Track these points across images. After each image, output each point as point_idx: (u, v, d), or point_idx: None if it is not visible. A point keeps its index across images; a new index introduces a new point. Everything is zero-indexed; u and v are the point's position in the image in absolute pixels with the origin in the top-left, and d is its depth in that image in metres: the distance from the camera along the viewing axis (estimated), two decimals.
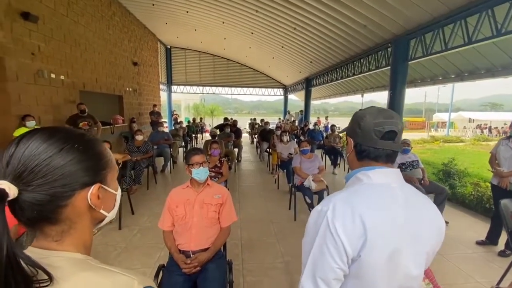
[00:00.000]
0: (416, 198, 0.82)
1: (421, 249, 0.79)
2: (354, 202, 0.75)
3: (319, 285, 0.72)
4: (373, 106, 0.86)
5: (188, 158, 1.97)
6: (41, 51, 5.31)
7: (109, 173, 0.56)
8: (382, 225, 0.73)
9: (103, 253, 2.92)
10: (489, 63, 5.10)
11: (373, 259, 0.72)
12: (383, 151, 0.80)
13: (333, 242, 0.71)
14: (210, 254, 1.81)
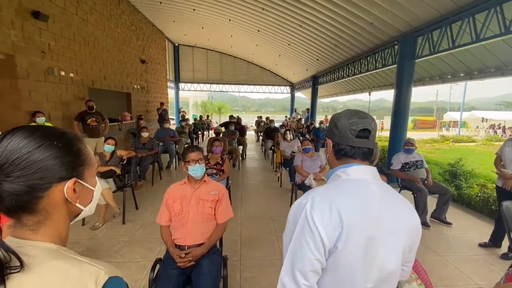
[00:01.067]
0: (392, 196, 0.85)
1: (396, 244, 0.81)
2: (331, 195, 0.79)
3: (297, 277, 0.75)
4: (349, 109, 0.91)
5: (185, 155, 2.02)
6: (51, 49, 5.46)
7: (86, 170, 0.60)
8: (357, 217, 0.76)
9: (107, 246, 3.01)
10: (499, 61, 4.95)
11: (349, 249, 0.75)
12: (359, 149, 0.85)
13: (310, 233, 0.74)
14: (205, 249, 1.85)
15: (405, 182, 4.04)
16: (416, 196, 3.79)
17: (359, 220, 0.76)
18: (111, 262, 2.70)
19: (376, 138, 0.90)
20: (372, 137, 0.86)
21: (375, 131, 0.88)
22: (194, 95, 28.96)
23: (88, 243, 3.07)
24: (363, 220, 0.77)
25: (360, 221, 0.76)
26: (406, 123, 5.51)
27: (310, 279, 0.75)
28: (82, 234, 3.26)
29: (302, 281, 0.75)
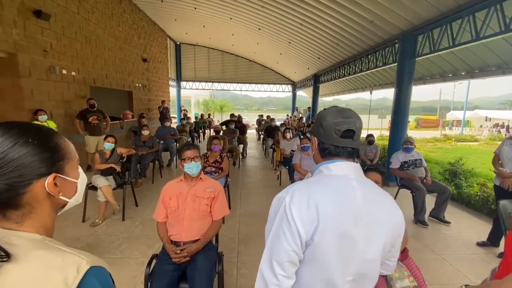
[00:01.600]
0: (374, 191, 0.87)
1: (377, 239, 0.83)
2: (311, 190, 0.81)
3: (274, 268, 0.78)
4: (335, 106, 0.92)
5: (181, 153, 2.04)
6: (53, 48, 5.51)
7: (67, 164, 0.62)
8: (334, 211, 0.78)
9: (106, 243, 3.05)
10: (500, 60, 4.91)
11: (324, 242, 0.77)
12: (344, 149, 0.87)
13: (288, 226, 0.77)
14: (200, 245, 1.87)
15: (404, 181, 4.04)
16: (415, 194, 3.80)
17: (336, 214, 0.78)
18: (111, 258, 2.75)
19: (360, 137, 0.92)
20: (356, 136, 0.88)
21: (360, 131, 0.90)
22: (196, 93, 29.04)
23: (88, 239, 3.12)
24: (340, 215, 0.78)
25: (337, 215, 0.78)
26: (406, 121, 5.49)
27: (287, 269, 0.78)
28: (82, 230, 3.31)
29: (279, 271, 0.77)
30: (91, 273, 0.53)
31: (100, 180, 3.43)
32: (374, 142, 5.64)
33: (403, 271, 1.73)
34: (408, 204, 4.08)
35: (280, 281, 0.78)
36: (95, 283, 0.53)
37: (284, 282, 0.78)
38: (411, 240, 3.37)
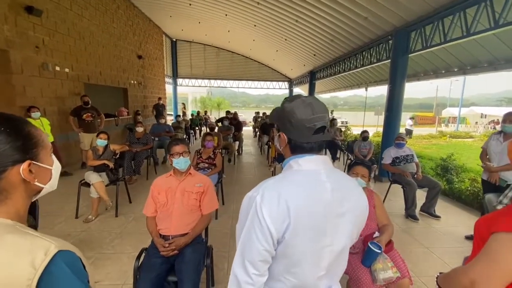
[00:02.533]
0: (341, 182, 0.88)
1: (344, 227, 0.85)
2: (281, 187, 0.80)
3: (247, 267, 0.78)
4: (299, 97, 0.88)
5: (169, 148, 2.06)
6: (46, 44, 5.48)
7: (41, 151, 0.64)
8: (305, 208, 0.79)
9: (98, 238, 3.07)
10: (492, 56, 4.95)
11: (296, 240, 0.78)
12: (316, 143, 0.86)
13: (259, 225, 0.76)
14: (188, 239, 1.90)
15: (395, 176, 4.09)
16: (405, 189, 3.84)
17: (307, 211, 0.79)
18: (102, 253, 2.77)
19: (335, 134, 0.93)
20: (327, 130, 0.87)
21: (329, 123, 0.90)
22: (193, 90, 28.92)
23: (80, 235, 3.13)
24: (311, 211, 0.79)
25: (308, 212, 0.79)
26: (399, 118, 5.53)
27: (260, 268, 0.78)
28: (75, 226, 3.32)
29: (252, 271, 0.77)
30: (59, 257, 0.55)
31: (92, 176, 3.44)
32: (368, 138, 5.69)
33: (387, 262, 1.77)
34: (400, 199, 4.13)
35: (253, 280, 0.78)
36: (63, 267, 0.55)
37: (258, 280, 0.79)
38: (401, 234, 3.43)
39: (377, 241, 1.83)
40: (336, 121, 7.80)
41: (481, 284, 0.80)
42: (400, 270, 1.80)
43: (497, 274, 0.77)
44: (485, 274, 0.79)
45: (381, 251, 1.76)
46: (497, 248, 0.78)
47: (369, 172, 2.10)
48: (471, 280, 0.82)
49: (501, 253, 0.76)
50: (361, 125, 14.50)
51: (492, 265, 0.78)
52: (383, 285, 1.77)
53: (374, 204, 2.11)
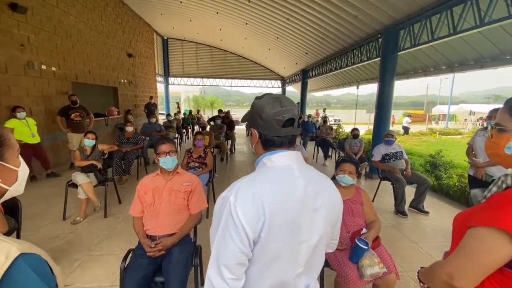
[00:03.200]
0: (314, 177, 0.88)
1: (318, 222, 0.85)
2: (255, 185, 0.79)
3: (222, 272, 0.74)
4: (268, 94, 0.90)
5: (156, 147, 2.03)
6: (31, 42, 5.34)
7: (7, 151, 0.62)
8: (280, 205, 0.78)
9: (86, 240, 3.01)
10: (478, 53, 5.05)
11: (272, 238, 0.77)
12: (286, 137, 0.86)
13: (234, 227, 0.74)
14: (176, 239, 1.88)
15: (385, 172, 4.13)
16: (395, 186, 3.89)
17: (282, 208, 0.78)
18: (90, 255, 2.72)
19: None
20: (295, 123, 0.87)
21: (298, 117, 0.90)
22: (186, 89, 28.70)
23: (67, 237, 3.07)
24: (285, 208, 0.78)
25: (282, 209, 0.78)
26: (389, 115, 5.59)
27: (236, 272, 0.75)
28: (63, 228, 3.26)
29: (228, 275, 0.74)
30: (22, 260, 0.53)
31: (80, 177, 3.37)
32: (359, 136, 5.74)
33: (374, 258, 1.78)
34: (390, 196, 4.18)
35: (229, 285, 0.74)
36: (25, 270, 0.53)
37: (234, 285, 0.75)
38: (391, 229, 3.48)
39: (364, 238, 1.85)
40: (327, 119, 7.84)
41: (458, 277, 0.81)
42: (387, 265, 1.82)
43: (473, 268, 0.78)
44: (461, 268, 0.80)
45: (368, 248, 1.78)
46: (473, 242, 0.79)
47: (356, 169, 2.11)
48: (449, 274, 0.83)
49: (477, 247, 0.77)
50: (352, 123, 14.64)
51: (468, 259, 0.79)
52: (370, 280, 1.79)
53: (362, 201, 2.13)
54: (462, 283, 0.81)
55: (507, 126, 0.81)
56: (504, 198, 0.76)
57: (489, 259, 0.75)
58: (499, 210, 0.74)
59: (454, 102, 33.24)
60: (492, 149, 0.87)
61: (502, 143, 0.82)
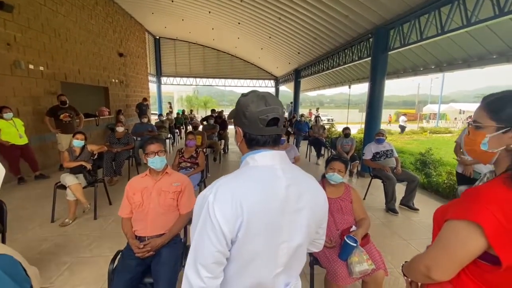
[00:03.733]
0: (298, 177, 0.88)
1: (301, 222, 0.85)
2: (235, 185, 0.78)
3: (199, 271, 0.74)
4: (254, 91, 0.88)
5: (144, 147, 2.01)
6: (17, 41, 5.22)
7: None
8: (259, 205, 0.77)
9: (76, 242, 2.96)
10: (465, 53, 5.15)
11: (250, 238, 0.76)
12: (270, 137, 0.85)
13: (211, 226, 0.73)
14: (165, 240, 1.86)
15: (376, 171, 4.18)
16: (385, 184, 3.94)
17: (261, 208, 0.77)
18: (80, 257, 2.68)
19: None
20: (280, 123, 0.86)
21: (283, 117, 0.88)
22: (179, 89, 28.49)
23: (56, 239, 3.01)
24: (265, 208, 0.77)
25: (262, 209, 0.77)
26: (380, 114, 5.66)
27: (213, 270, 0.75)
28: (51, 231, 3.19)
29: (205, 274, 0.74)
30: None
31: (68, 178, 3.31)
32: (350, 135, 5.79)
33: (363, 255, 1.80)
34: (381, 193, 4.23)
35: (206, 284, 0.74)
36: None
37: (211, 283, 0.75)
38: (382, 227, 3.52)
39: (353, 235, 1.86)
40: (320, 119, 7.90)
41: (435, 269, 0.83)
42: (375, 262, 1.84)
43: (449, 259, 0.80)
44: (438, 260, 0.83)
45: (356, 245, 1.79)
46: (448, 234, 0.81)
47: (345, 167, 2.13)
48: (427, 266, 0.85)
49: (452, 239, 0.79)
50: (345, 122, 14.75)
51: (444, 251, 0.81)
52: (359, 277, 1.80)
53: (351, 199, 2.14)
54: (438, 274, 0.83)
55: (483, 123, 0.83)
56: (478, 192, 0.78)
57: (463, 251, 0.77)
58: (472, 204, 0.76)
59: (444, 101, 33.85)
60: (469, 145, 0.89)
61: (478, 139, 0.84)
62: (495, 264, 0.76)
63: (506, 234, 0.71)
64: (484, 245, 0.74)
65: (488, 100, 0.85)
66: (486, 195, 0.76)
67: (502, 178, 0.78)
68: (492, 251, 0.74)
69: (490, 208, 0.72)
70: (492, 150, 0.82)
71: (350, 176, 5.78)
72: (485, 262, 0.79)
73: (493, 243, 0.72)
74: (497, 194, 0.75)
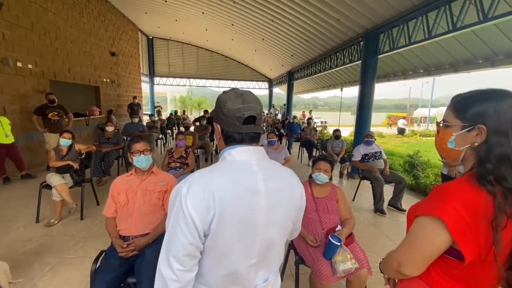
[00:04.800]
0: (275, 172, 0.88)
1: (277, 218, 0.86)
2: (209, 178, 0.79)
3: (171, 263, 0.75)
4: (234, 89, 0.89)
5: (130, 146, 1.99)
6: (6, 38, 5.13)
7: None
8: (232, 198, 0.78)
9: (60, 243, 2.91)
10: (452, 58, 5.28)
11: (222, 230, 0.77)
12: (247, 135, 0.86)
13: (183, 218, 0.74)
14: (149, 239, 1.85)
15: (365, 172, 4.23)
16: (373, 185, 3.99)
17: (234, 201, 0.78)
18: (64, 258, 2.64)
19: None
20: (258, 121, 0.86)
21: (261, 115, 0.89)
22: (172, 90, 28.33)
23: (41, 240, 2.95)
24: (238, 201, 0.78)
25: (235, 202, 0.78)
26: (370, 116, 5.74)
27: (185, 263, 0.75)
28: (36, 231, 3.13)
29: (176, 266, 0.74)
30: None
31: (54, 178, 3.26)
32: (340, 137, 5.85)
33: (346, 254, 1.82)
34: (369, 195, 4.28)
35: (178, 276, 0.75)
36: None
37: (183, 276, 0.76)
38: (369, 227, 3.56)
39: (338, 234, 1.88)
40: (311, 121, 7.95)
41: (405, 264, 0.85)
42: (359, 261, 1.87)
43: (417, 255, 0.82)
44: (407, 255, 0.85)
45: (340, 244, 1.81)
46: (415, 230, 0.83)
47: (331, 167, 2.15)
48: (398, 262, 0.87)
49: (419, 235, 0.82)
50: (336, 125, 14.92)
51: (412, 246, 0.84)
52: (343, 276, 1.82)
53: (337, 198, 2.17)
54: (409, 269, 0.85)
55: (450, 122, 0.86)
56: (443, 189, 0.81)
57: (429, 245, 0.79)
58: (437, 200, 0.79)
59: (434, 105, 34.47)
60: (439, 144, 0.92)
61: (446, 137, 0.87)
62: (460, 259, 0.77)
63: (469, 229, 0.73)
64: (449, 240, 0.76)
65: (455, 100, 0.87)
66: (450, 192, 0.78)
67: (466, 175, 0.80)
68: (457, 246, 0.76)
69: (453, 204, 0.74)
70: (458, 148, 0.84)
71: (340, 177, 5.83)
72: (451, 258, 0.81)
73: (456, 237, 0.74)
74: (461, 191, 0.77)
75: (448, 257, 0.81)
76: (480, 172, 0.77)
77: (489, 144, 0.77)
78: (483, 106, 0.79)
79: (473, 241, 0.74)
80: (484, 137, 0.78)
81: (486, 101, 0.80)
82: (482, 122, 0.78)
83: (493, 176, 0.75)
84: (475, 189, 0.75)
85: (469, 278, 0.82)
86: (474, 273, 0.80)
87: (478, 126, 0.79)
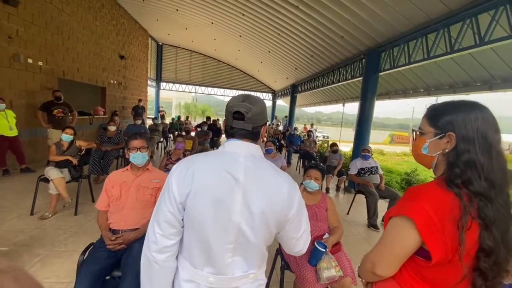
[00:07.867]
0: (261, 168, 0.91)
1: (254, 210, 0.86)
2: (195, 160, 0.92)
3: (154, 227, 0.90)
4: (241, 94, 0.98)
5: (127, 142, 2.06)
6: (19, 35, 5.31)
7: None
8: (208, 180, 0.87)
9: (52, 236, 2.93)
10: (451, 79, 5.38)
11: (197, 208, 0.87)
12: (238, 130, 0.93)
13: (167, 189, 0.89)
14: (138, 234, 1.88)
15: (360, 186, 4.24)
16: (368, 199, 4.00)
17: (210, 182, 0.87)
18: (53, 251, 2.66)
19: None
20: (248, 119, 0.90)
21: (255, 115, 0.91)
22: (178, 96, 28.70)
23: (32, 232, 2.98)
24: (214, 183, 0.86)
25: (211, 183, 0.86)
26: (369, 132, 5.79)
27: (164, 229, 0.88)
28: (29, 223, 3.16)
29: (157, 230, 0.89)
30: None
31: (52, 172, 3.31)
32: (338, 151, 5.90)
33: (331, 261, 1.84)
34: (364, 209, 4.28)
35: (157, 239, 0.88)
36: None
37: (161, 240, 0.88)
38: (362, 242, 3.55)
39: (324, 241, 1.90)
40: (312, 133, 8.02)
41: (378, 265, 0.88)
42: (344, 269, 1.87)
43: (389, 255, 0.85)
44: (380, 256, 0.88)
45: (325, 250, 1.83)
46: (387, 231, 0.87)
47: (322, 175, 2.19)
48: (372, 262, 0.90)
49: (391, 235, 0.85)
50: (338, 140, 14.97)
51: (385, 246, 0.87)
52: (326, 283, 1.83)
53: (327, 207, 2.20)
54: (381, 270, 0.87)
55: (424, 129, 0.91)
56: (414, 190, 0.85)
57: (400, 245, 0.83)
58: (408, 201, 0.83)
59: None
60: (414, 150, 0.96)
61: (420, 144, 0.91)
62: (429, 259, 0.80)
63: (436, 229, 0.77)
64: (418, 239, 0.79)
65: (430, 109, 0.93)
66: (421, 193, 0.82)
67: (437, 179, 0.85)
68: (425, 245, 0.79)
69: (422, 204, 0.78)
70: (431, 154, 0.89)
71: (337, 191, 5.83)
72: (420, 258, 0.84)
73: (424, 237, 0.77)
74: (430, 192, 0.81)
75: (417, 257, 0.84)
76: (449, 176, 0.82)
77: (458, 150, 0.82)
78: (453, 115, 0.84)
79: (440, 241, 0.76)
80: (453, 144, 0.83)
81: (456, 111, 0.85)
82: (452, 130, 0.83)
83: (461, 180, 0.79)
84: (444, 191, 0.79)
85: (436, 278, 0.84)
86: (441, 274, 0.83)
87: (449, 134, 0.83)
